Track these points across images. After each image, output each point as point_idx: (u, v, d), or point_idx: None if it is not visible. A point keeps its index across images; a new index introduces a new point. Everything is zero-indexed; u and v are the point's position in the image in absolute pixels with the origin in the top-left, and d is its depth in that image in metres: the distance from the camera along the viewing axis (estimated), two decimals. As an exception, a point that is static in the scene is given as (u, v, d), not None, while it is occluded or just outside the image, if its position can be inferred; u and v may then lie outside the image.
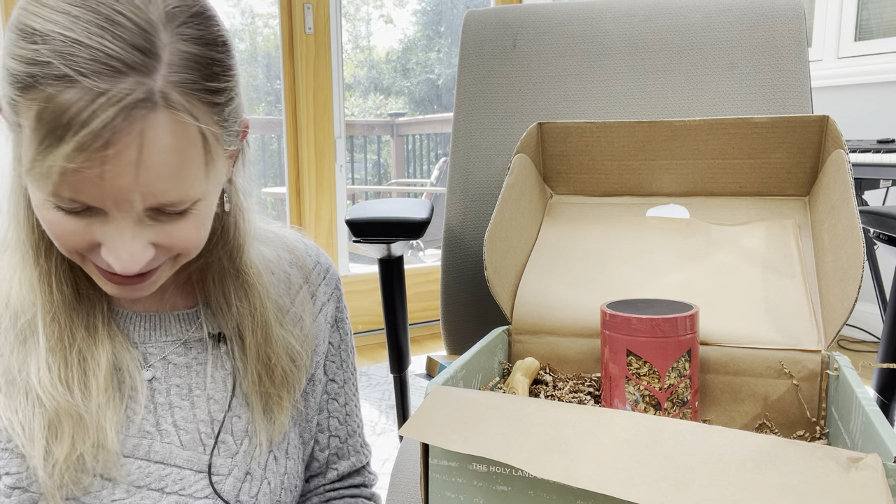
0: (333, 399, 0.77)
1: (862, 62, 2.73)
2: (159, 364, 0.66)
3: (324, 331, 0.75)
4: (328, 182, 2.76)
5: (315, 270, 0.77)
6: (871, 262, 2.41)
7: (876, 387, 0.99)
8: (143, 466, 0.62)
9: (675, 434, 0.41)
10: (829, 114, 1.92)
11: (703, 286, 0.72)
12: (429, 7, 4.36)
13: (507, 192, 0.78)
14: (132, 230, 0.53)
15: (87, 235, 0.53)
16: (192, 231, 0.56)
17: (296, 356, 0.70)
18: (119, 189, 0.49)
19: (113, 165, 0.48)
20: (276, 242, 0.75)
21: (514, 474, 0.46)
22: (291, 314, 0.72)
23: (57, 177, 0.48)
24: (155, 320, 0.66)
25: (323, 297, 0.76)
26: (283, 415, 0.68)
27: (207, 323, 0.68)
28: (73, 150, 0.46)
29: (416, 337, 2.96)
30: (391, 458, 1.85)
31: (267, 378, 0.67)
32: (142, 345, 0.66)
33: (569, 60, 1.11)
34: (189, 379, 0.66)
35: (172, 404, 0.65)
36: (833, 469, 0.37)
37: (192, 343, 0.67)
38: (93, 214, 0.52)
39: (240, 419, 0.67)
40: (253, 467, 0.66)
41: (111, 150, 0.47)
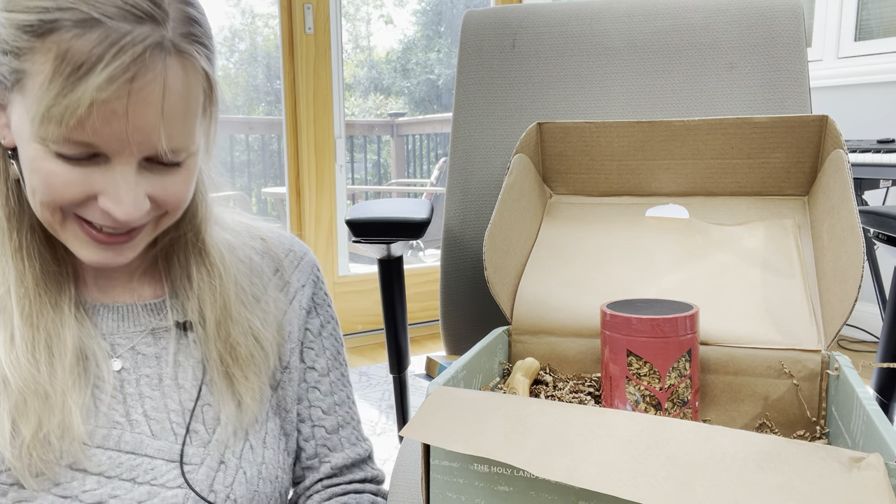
0: (314, 388, 0.76)
1: (862, 62, 2.74)
2: (128, 354, 0.66)
3: (298, 317, 0.75)
4: (328, 182, 2.75)
5: (288, 258, 0.76)
6: (871, 262, 2.41)
7: (875, 386, 0.99)
8: (113, 457, 0.62)
9: (677, 434, 0.41)
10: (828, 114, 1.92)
11: (702, 286, 0.72)
12: (429, 7, 4.36)
13: (507, 192, 0.78)
14: (133, 177, 0.56)
15: (85, 186, 0.55)
16: (182, 186, 0.60)
17: (260, 337, 0.69)
18: (141, 126, 0.53)
19: (138, 98, 0.52)
20: (243, 232, 0.75)
21: (515, 475, 0.46)
22: (255, 297, 0.71)
23: (84, 109, 0.50)
24: (123, 311, 0.67)
25: (297, 283, 0.76)
26: (249, 397, 0.67)
27: (174, 312, 0.68)
28: (105, 80, 0.50)
29: (416, 337, 2.96)
30: (391, 458, 1.85)
31: (229, 357, 0.67)
32: (110, 336, 0.66)
33: (568, 60, 1.11)
34: (159, 369, 0.66)
35: (143, 394, 0.65)
36: (835, 469, 0.37)
37: (160, 333, 0.67)
38: (94, 163, 0.55)
39: (211, 408, 0.66)
40: (227, 456, 0.65)
41: (137, 83, 0.52)
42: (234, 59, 3.67)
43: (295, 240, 0.79)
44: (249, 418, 0.67)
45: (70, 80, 0.50)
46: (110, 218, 0.57)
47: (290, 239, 0.79)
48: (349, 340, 2.86)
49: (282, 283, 0.75)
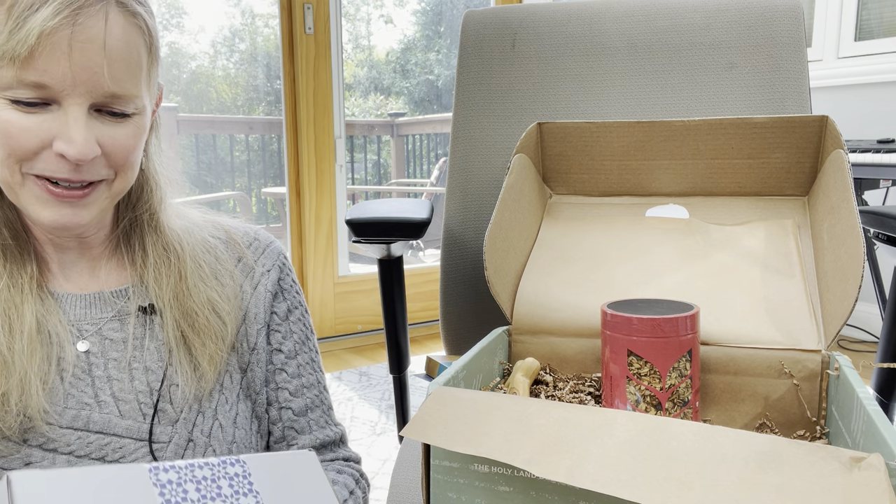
0: (281, 370, 0.77)
1: (862, 62, 2.74)
2: (95, 339, 0.68)
3: (265, 300, 0.76)
4: (328, 182, 2.75)
5: (252, 247, 0.79)
6: (871, 262, 2.41)
7: (875, 386, 0.99)
8: (82, 437, 0.64)
9: (678, 434, 0.41)
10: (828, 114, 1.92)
11: (703, 286, 0.72)
12: (429, 7, 4.36)
13: (507, 192, 0.78)
14: (84, 119, 0.60)
15: (40, 132, 0.59)
16: (131, 140, 0.63)
17: (218, 309, 0.72)
18: (85, 62, 0.58)
19: (81, 35, 0.57)
20: (205, 224, 0.78)
21: (515, 475, 0.46)
22: (213, 274, 0.74)
23: (34, 40, 0.56)
24: (89, 299, 0.69)
25: (262, 268, 0.78)
26: (206, 361, 0.69)
27: (138, 296, 0.71)
28: (51, 13, 0.56)
29: (416, 337, 2.96)
30: (391, 458, 1.85)
31: (186, 325, 0.69)
32: (77, 322, 0.68)
33: (568, 60, 1.11)
34: (126, 353, 0.68)
35: (111, 377, 0.67)
36: (836, 469, 0.37)
37: (126, 318, 0.70)
38: (47, 111, 0.59)
39: (177, 387, 0.68)
40: (196, 434, 0.67)
41: (80, 18, 0.57)
42: (234, 59, 3.67)
43: (260, 231, 0.81)
44: (208, 384, 0.70)
45: (21, 17, 0.56)
46: (65, 162, 0.60)
47: (255, 230, 0.81)
48: (349, 340, 2.86)
49: (246, 269, 0.77)
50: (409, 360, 1.17)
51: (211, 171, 3.98)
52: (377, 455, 1.87)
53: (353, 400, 2.26)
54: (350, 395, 2.30)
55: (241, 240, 0.79)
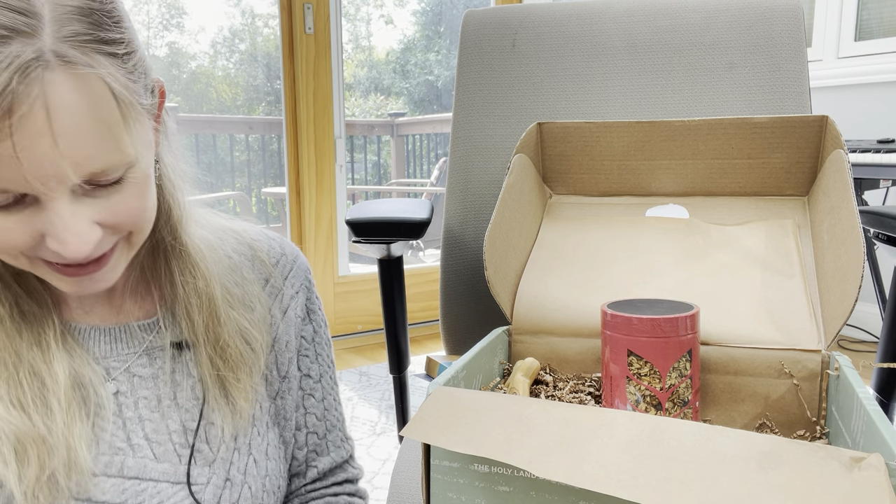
0: (310, 395, 0.75)
1: (862, 62, 2.74)
2: (123, 377, 0.63)
3: (295, 326, 0.73)
4: (328, 182, 2.75)
5: (279, 265, 0.73)
6: (871, 262, 2.41)
7: (875, 386, 0.99)
8: (117, 484, 0.60)
9: (678, 434, 0.41)
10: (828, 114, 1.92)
11: (702, 286, 0.72)
12: (428, 7, 4.36)
13: (507, 192, 0.78)
14: (70, 209, 0.50)
15: (27, 229, 0.50)
16: (134, 202, 0.54)
17: (250, 339, 0.67)
18: (39, 163, 0.46)
19: (23, 135, 0.45)
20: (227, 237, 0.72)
21: (515, 475, 0.46)
22: (240, 298, 0.68)
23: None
24: (115, 333, 0.64)
25: (291, 290, 0.73)
26: (243, 399, 0.65)
27: (169, 329, 0.65)
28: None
29: (416, 337, 2.96)
30: (391, 458, 1.85)
31: (219, 359, 0.64)
32: (103, 359, 0.63)
33: (568, 60, 1.11)
34: (157, 390, 0.64)
35: (142, 417, 0.63)
36: (836, 469, 0.37)
37: (155, 353, 0.65)
38: (26, 204, 0.49)
39: (213, 426, 0.64)
40: (233, 473, 0.64)
41: (15, 117, 0.44)
42: (234, 59, 3.67)
43: (285, 242, 0.76)
44: (244, 421, 0.66)
45: None
46: (62, 258, 0.52)
47: (280, 243, 0.76)
48: (349, 340, 2.86)
49: (274, 292, 0.72)
50: (409, 360, 1.17)
51: (211, 171, 3.98)
52: (377, 455, 1.87)
53: (353, 400, 2.26)
54: (350, 395, 2.30)
55: (267, 258, 0.73)
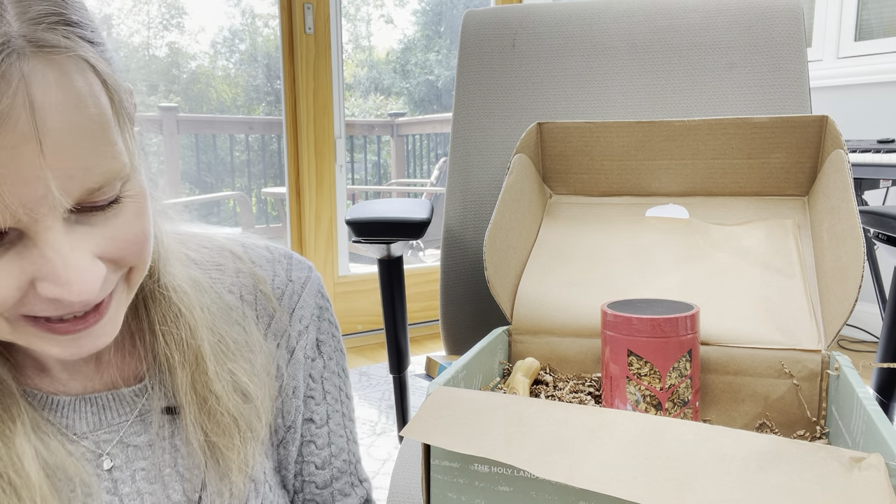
0: (310, 441, 0.66)
1: (862, 62, 2.74)
2: (117, 450, 0.55)
3: (303, 367, 0.64)
4: (328, 182, 2.75)
5: (286, 296, 0.63)
6: (871, 262, 2.41)
7: (875, 386, 0.99)
8: None
9: (678, 434, 0.41)
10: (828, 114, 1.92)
11: (702, 286, 0.72)
12: (428, 7, 4.36)
13: (507, 192, 0.78)
14: (67, 241, 0.41)
15: (13, 278, 0.41)
16: (135, 225, 0.45)
17: (248, 392, 0.58)
18: (24, 178, 0.37)
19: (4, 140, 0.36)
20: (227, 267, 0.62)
21: (515, 475, 0.46)
22: (236, 342, 0.59)
23: None
24: (102, 401, 0.55)
25: (299, 326, 0.64)
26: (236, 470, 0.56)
27: (160, 391, 0.56)
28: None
29: (416, 337, 2.96)
30: (391, 458, 1.85)
31: (208, 421, 0.55)
32: (92, 433, 0.54)
33: (568, 60, 1.11)
34: (155, 458, 0.56)
35: (141, 491, 0.55)
36: (836, 469, 0.37)
37: (149, 417, 0.56)
38: (12, 243, 0.40)
39: (220, 497, 0.57)
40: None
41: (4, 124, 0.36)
42: (234, 59, 3.67)
43: (293, 263, 0.66)
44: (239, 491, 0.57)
45: None
46: (62, 305, 0.43)
47: (286, 266, 0.65)
48: (349, 340, 2.86)
49: (280, 332, 0.63)
50: (409, 360, 1.17)
51: (211, 171, 3.98)
52: (377, 455, 1.87)
53: (353, 400, 2.26)
54: (350, 395, 2.30)
55: (271, 290, 0.62)
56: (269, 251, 0.65)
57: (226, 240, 0.64)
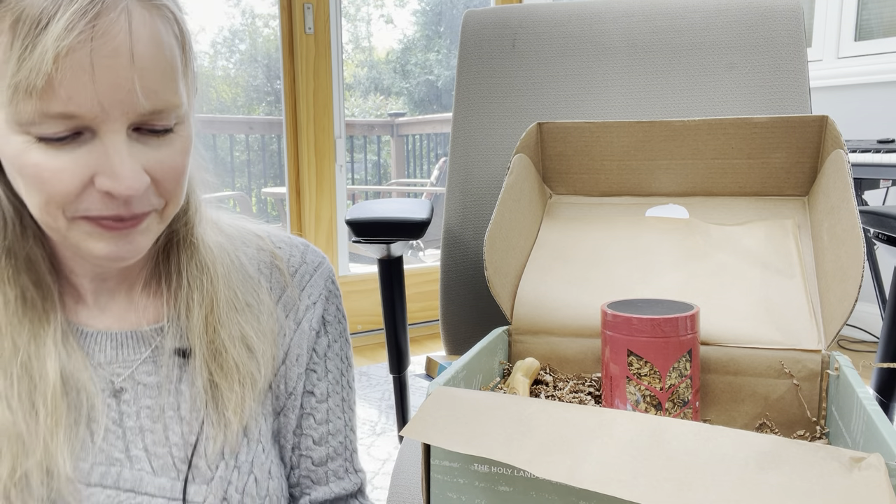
0: (309, 414, 0.70)
1: (862, 62, 2.74)
2: (128, 384, 0.61)
3: (308, 339, 0.69)
4: (328, 182, 2.76)
5: (298, 273, 0.71)
6: (871, 262, 2.41)
7: (875, 386, 0.99)
8: (112, 495, 0.58)
9: (678, 434, 0.41)
10: (828, 114, 1.92)
11: (702, 286, 0.72)
12: (428, 7, 4.36)
13: (507, 192, 0.78)
14: (126, 148, 0.51)
15: (77, 170, 0.50)
16: (178, 159, 0.55)
17: (253, 347, 0.64)
18: (114, 79, 0.48)
19: (103, 47, 0.47)
20: (250, 242, 0.71)
21: (515, 475, 0.46)
22: (248, 304, 0.66)
23: (50, 65, 0.46)
24: (122, 338, 0.62)
25: (307, 301, 0.70)
26: (231, 411, 0.62)
27: (174, 335, 0.63)
28: (63, 28, 0.45)
29: (416, 337, 2.96)
30: (391, 458, 1.85)
31: (214, 362, 0.62)
32: (108, 365, 0.61)
33: (568, 60, 1.11)
34: (160, 399, 0.61)
35: (143, 428, 0.60)
36: (836, 469, 0.37)
37: (161, 360, 0.62)
38: (80, 143, 0.50)
39: (214, 442, 0.62)
40: (230, 493, 0.62)
41: (99, 26, 0.47)
42: (234, 59, 3.67)
43: (309, 250, 0.73)
44: (232, 434, 0.62)
45: (28, 38, 0.46)
46: (112, 199, 0.52)
47: (303, 251, 0.72)
48: (349, 340, 2.86)
49: (290, 304, 0.69)
50: (409, 360, 1.17)
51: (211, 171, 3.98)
52: (377, 455, 1.87)
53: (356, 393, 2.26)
54: (350, 395, 2.30)
55: (286, 267, 0.70)
56: (290, 238, 0.73)
57: (251, 224, 0.73)
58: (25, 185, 0.51)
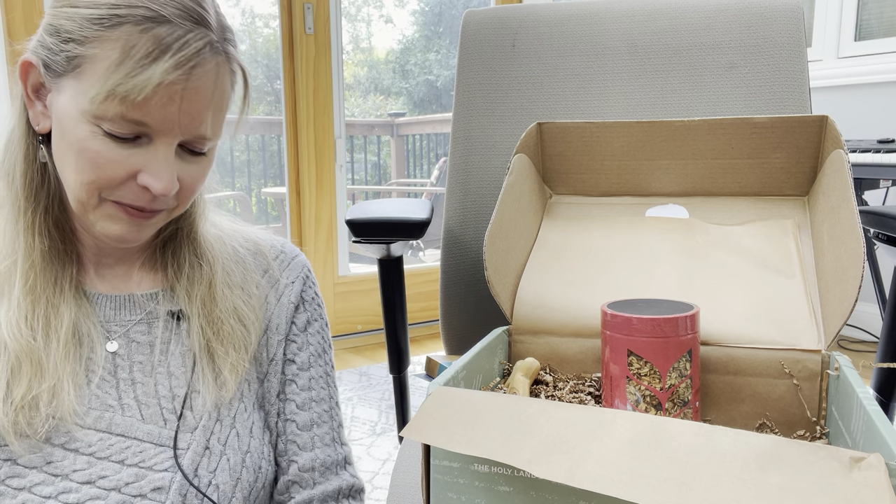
0: (291, 381, 0.77)
1: (862, 62, 2.74)
2: (122, 341, 0.69)
3: (287, 311, 0.78)
4: (328, 182, 2.75)
5: (278, 259, 0.81)
6: (871, 262, 2.41)
7: (875, 386, 0.99)
8: (104, 438, 0.65)
9: (678, 434, 0.41)
10: (828, 114, 1.92)
11: (702, 286, 0.72)
12: (428, 7, 4.36)
13: (507, 192, 0.78)
14: (172, 157, 0.63)
15: (128, 165, 0.61)
16: (202, 175, 0.67)
17: (244, 318, 0.73)
18: (194, 111, 0.61)
19: (194, 88, 0.60)
20: (234, 234, 0.80)
21: (515, 475, 0.46)
22: (240, 284, 0.76)
23: (151, 88, 0.58)
24: (120, 300, 0.71)
25: (286, 280, 0.79)
26: (228, 371, 0.70)
27: (168, 302, 0.72)
28: (172, 65, 0.58)
29: (416, 337, 2.96)
30: (391, 458, 1.85)
31: (212, 332, 0.71)
32: (106, 322, 0.70)
33: (568, 60, 1.11)
34: (151, 357, 0.70)
35: (135, 380, 0.68)
36: (836, 469, 0.37)
37: (154, 322, 0.71)
38: (137, 144, 0.61)
39: (199, 395, 0.69)
40: (212, 442, 0.68)
41: (196, 73, 0.60)
42: (234, 60, 3.67)
43: (287, 244, 0.83)
44: (228, 393, 0.70)
45: (141, 63, 0.58)
46: (146, 194, 0.63)
47: (282, 243, 0.83)
48: (349, 340, 2.86)
49: (272, 281, 0.79)
50: (409, 360, 1.17)
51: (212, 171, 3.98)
52: (377, 455, 1.87)
53: (353, 400, 2.26)
54: (350, 395, 2.30)
55: (268, 252, 0.80)
56: (269, 235, 0.84)
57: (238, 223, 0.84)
58: (78, 164, 0.61)
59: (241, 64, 0.67)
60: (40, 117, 0.64)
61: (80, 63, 0.60)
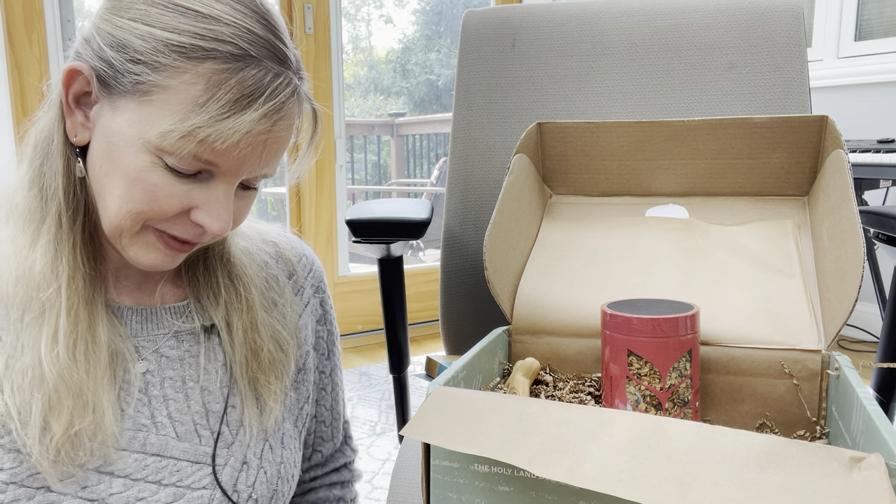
0: (322, 389, 0.81)
1: (862, 62, 2.74)
2: (152, 357, 0.66)
3: (312, 321, 0.79)
4: (328, 182, 2.75)
5: (300, 263, 0.79)
6: (871, 262, 2.41)
7: (875, 386, 0.99)
8: (139, 459, 0.62)
9: (678, 434, 0.41)
10: (828, 114, 1.92)
11: (702, 286, 0.72)
12: (428, 7, 4.36)
13: (507, 192, 0.78)
14: (231, 197, 0.60)
15: (185, 200, 0.57)
16: (248, 208, 0.65)
17: (283, 342, 0.72)
18: (272, 156, 0.59)
19: (276, 138, 0.58)
20: (254, 236, 0.77)
21: (515, 475, 0.46)
22: (274, 302, 0.74)
23: (239, 136, 0.54)
24: (146, 314, 0.67)
25: (310, 289, 0.79)
26: (272, 401, 0.69)
27: (198, 315, 0.69)
28: (262, 115, 0.55)
29: (416, 337, 2.96)
30: (391, 458, 1.85)
31: (254, 361, 0.69)
32: (133, 338, 0.66)
33: (568, 60, 1.11)
34: (182, 371, 0.67)
35: (167, 396, 0.65)
36: (836, 469, 0.37)
37: (183, 335, 0.68)
38: (197, 180, 0.58)
39: (235, 409, 0.68)
40: (249, 457, 0.67)
41: (280, 123, 0.57)
42: (234, 59, 3.66)
43: (303, 244, 0.82)
44: (272, 421, 0.70)
45: (228, 108, 0.54)
46: (197, 229, 0.60)
47: (299, 243, 0.81)
48: (349, 340, 2.86)
49: (296, 288, 0.77)
50: (409, 360, 1.17)
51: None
52: (377, 455, 1.87)
53: (353, 400, 2.26)
54: (350, 395, 2.30)
55: (291, 255, 0.78)
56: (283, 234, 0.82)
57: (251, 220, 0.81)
58: (129, 193, 0.57)
59: (315, 105, 0.64)
60: (79, 128, 0.59)
61: (149, 90, 0.54)
